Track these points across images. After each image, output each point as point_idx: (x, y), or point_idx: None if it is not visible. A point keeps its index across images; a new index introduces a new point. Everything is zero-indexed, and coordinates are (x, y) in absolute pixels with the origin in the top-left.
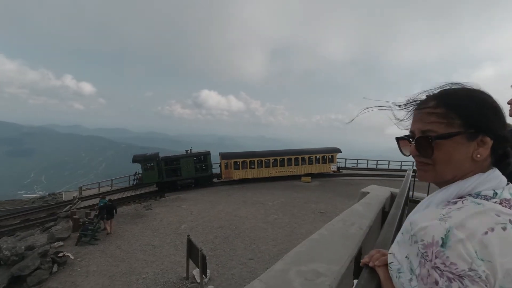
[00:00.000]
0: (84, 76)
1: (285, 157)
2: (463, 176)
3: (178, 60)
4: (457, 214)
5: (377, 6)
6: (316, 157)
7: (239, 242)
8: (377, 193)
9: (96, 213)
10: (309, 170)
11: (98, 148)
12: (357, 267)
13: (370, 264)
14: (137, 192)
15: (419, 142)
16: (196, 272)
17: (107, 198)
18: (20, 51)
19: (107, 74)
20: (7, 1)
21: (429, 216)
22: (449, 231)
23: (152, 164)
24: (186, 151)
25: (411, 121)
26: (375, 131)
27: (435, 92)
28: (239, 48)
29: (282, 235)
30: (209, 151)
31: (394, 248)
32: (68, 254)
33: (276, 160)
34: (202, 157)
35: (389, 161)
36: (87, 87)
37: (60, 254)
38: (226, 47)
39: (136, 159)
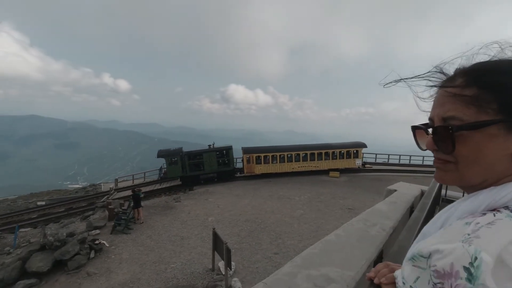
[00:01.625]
0: (120, 73)
1: (308, 152)
2: (498, 181)
3: (206, 58)
4: (487, 233)
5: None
6: (340, 152)
7: (264, 236)
8: (405, 191)
9: (131, 204)
10: (333, 165)
11: (133, 142)
12: None
13: (376, 281)
14: (164, 186)
15: (437, 133)
16: (221, 264)
17: (136, 188)
18: (64, 52)
19: (140, 72)
20: (52, 6)
21: (447, 235)
22: (476, 258)
23: (176, 158)
24: (209, 145)
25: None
26: (406, 124)
27: (467, 66)
28: (265, 46)
29: (308, 230)
30: (231, 146)
31: (404, 269)
32: (104, 241)
33: (298, 155)
34: (224, 151)
35: (423, 156)
36: (122, 84)
37: (97, 242)
38: (251, 45)
39: (160, 154)
